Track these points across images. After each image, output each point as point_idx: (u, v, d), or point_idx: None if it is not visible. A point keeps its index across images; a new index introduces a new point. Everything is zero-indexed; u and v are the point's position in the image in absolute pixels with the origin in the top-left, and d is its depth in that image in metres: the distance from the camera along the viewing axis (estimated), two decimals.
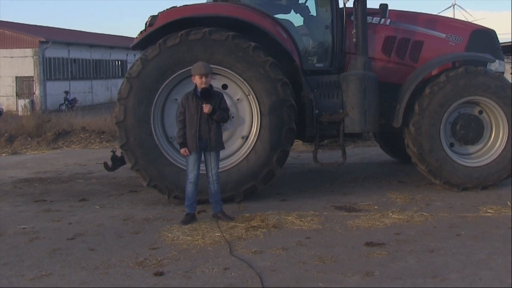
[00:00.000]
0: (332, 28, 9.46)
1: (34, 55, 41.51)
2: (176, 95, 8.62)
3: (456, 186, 9.06)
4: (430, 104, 8.88)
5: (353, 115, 9.02)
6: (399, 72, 9.64)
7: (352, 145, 14.54)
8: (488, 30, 10.13)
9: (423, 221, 7.48)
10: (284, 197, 9.02)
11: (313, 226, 7.32)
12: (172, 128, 8.53)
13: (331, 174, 10.80)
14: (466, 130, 9.17)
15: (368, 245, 6.50)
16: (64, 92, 42.40)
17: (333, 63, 9.50)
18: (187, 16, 8.65)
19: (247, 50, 8.45)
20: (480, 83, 8.96)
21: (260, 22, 8.80)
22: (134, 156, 8.50)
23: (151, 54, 8.47)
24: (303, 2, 10.04)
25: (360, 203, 8.53)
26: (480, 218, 7.59)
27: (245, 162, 8.63)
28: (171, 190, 8.51)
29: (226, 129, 8.49)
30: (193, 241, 6.82)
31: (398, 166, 11.54)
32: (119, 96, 8.54)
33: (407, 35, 9.71)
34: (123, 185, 10.35)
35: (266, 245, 6.61)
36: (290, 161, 11.32)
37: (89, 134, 17.21)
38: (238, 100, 8.77)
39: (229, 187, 8.44)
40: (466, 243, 6.55)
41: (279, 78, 8.51)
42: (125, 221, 7.83)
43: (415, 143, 8.98)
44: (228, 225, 7.37)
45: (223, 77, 8.70)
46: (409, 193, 9.07)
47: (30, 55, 41.60)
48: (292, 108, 8.62)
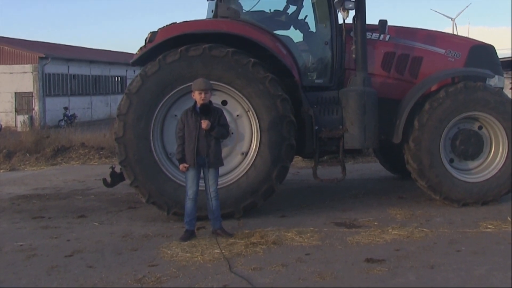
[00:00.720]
0: (332, 44, 9.48)
1: (34, 71, 41.55)
2: (176, 111, 8.62)
3: (456, 201, 9.05)
4: (429, 119, 8.88)
5: (353, 131, 9.02)
6: (399, 87, 9.65)
7: (352, 161, 14.52)
8: (487, 46, 10.16)
9: (423, 237, 7.45)
10: (283, 213, 8.99)
11: (313, 243, 7.29)
12: (172, 144, 8.51)
13: (331, 190, 10.77)
14: (465, 145, 9.17)
15: (368, 261, 6.47)
16: (63, 108, 42.42)
17: (332, 79, 9.51)
18: (186, 32, 8.66)
19: (247, 66, 8.46)
20: (480, 98, 8.97)
21: (260, 38, 8.82)
22: (133, 172, 8.48)
23: (150, 70, 8.48)
24: (302, 18, 10.06)
25: (360, 219, 8.50)
26: (481, 233, 7.58)
27: (244, 178, 8.61)
28: (170, 206, 8.48)
29: (225, 145, 8.47)
30: (192, 257, 6.78)
31: (398, 182, 11.51)
32: (119, 112, 8.54)
33: (406, 51, 9.73)
34: (122, 201, 10.32)
35: (266, 261, 6.58)
36: (290, 177, 11.26)
37: (88, 150, 17.18)
38: (237, 116, 8.77)
39: (228, 203, 8.41)
40: (467, 259, 6.52)
41: (279, 94, 8.51)
42: (124, 237, 7.79)
43: (415, 158, 8.97)
44: (227, 242, 7.33)
45: (223, 93, 8.71)
46: (409, 209, 9.05)
47: (30, 71, 41.64)
48: (291, 124, 8.61)
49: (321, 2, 9.72)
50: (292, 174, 12.09)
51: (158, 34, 8.83)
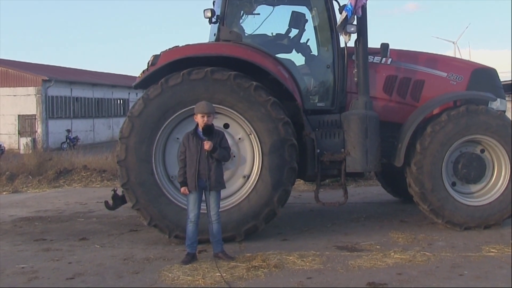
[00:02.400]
0: (334, 67, 9.54)
1: (37, 94, 41.69)
2: (178, 134, 8.64)
3: (458, 225, 9.02)
4: (431, 143, 8.89)
5: (355, 155, 9.02)
6: (401, 111, 9.67)
7: (354, 184, 14.52)
8: (489, 69, 10.19)
9: (425, 261, 7.42)
10: (285, 237, 8.96)
11: (315, 266, 7.25)
12: (174, 167, 8.52)
13: (333, 214, 10.75)
14: (468, 169, 9.16)
15: (370, 285, 6.44)
16: (66, 130, 42.50)
17: (334, 103, 9.54)
18: (189, 56, 8.71)
19: (249, 89, 8.49)
20: (482, 122, 8.99)
21: (262, 61, 8.86)
22: (135, 195, 8.47)
23: (153, 93, 8.51)
24: (304, 42, 10.12)
25: (361, 242, 8.47)
26: (483, 257, 7.54)
27: (246, 202, 8.60)
28: (172, 229, 8.46)
29: (227, 168, 8.48)
30: (194, 281, 6.75)
31: (400, 205, 11.49)
32: (121, 135, 8.55)
33: (408, 75, 9.78)
34: (124, 224, 10.30)
35: (267, 285, 6.55)
36: (292, 201, 11.26)
37: (90, 173, 17.22)
38: (239, 139, 8.78)
39: (230, 227, 8.38)
40: (469, 283, 6.49)
41: (281, 118, 8.53)
42: (125, 260, 7.76)
43: (417, 182, 8.96)
44: (229, 265, 7.30)
45: (225, 116, 8.73)
46: (411, 232, 9.02)
47: (33, 93, 41.78)
48: (293, 148, 8.62)
49: (323, 25, 9.80)
50: (293, 197, 12.07)
51: (160, 57, 8.88)
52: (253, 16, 10.00)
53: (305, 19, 10.03)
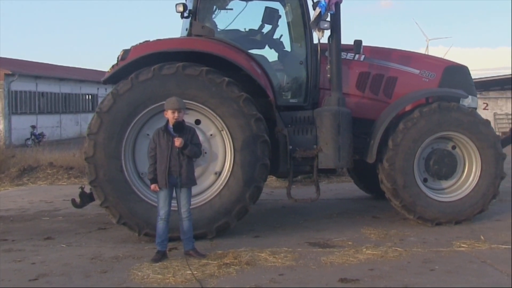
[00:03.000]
0: (307, 63, 9.50)
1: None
2: (148, 130, 8.51)
3: (430, 221, 9.07)
4: (403, 139, 8.91)
5: (327, 151, 9.01)
6: (373, 107, 9.68)
7: (326, 180, 14.54)
8: (461, 66, 10.28)
9: (397, 256, 7.43)
10: (257, 234, 8.90)
11: (287, 263, 7.20)
12: (144, 164, 8.38)
13: (305, 210, 10.73)
14: (439, 165, 9.21)
15: (342, 281, 6.41)
16: (31, 126, 41.71)
17: (307, 99, 9.51)
18: (160, 51, 8.60)
19: (221, 85, 8.40)
20: (453, 118, 9.04)
21: (234, 57, 8.78)
22: (103, 192, 8.33)
23: (122, 89, 8.37)
24: (277, 38, 10.08)
25: (334, 239, 8.45)
26: (454, 252, 7.59)
27: (217, 199, 8.52)
28: (142, 227, 8.34)
29: (198, 165, 8.39)
30: (164, 279, 6.64)
31: (372, 201, 11.53)
32: (89, 131, 8.40)
33: (381, 71, 9.79)
34: (92, 222, 10.08)
35: (239, 282, 6.46)
36: (264, 197, 11.20)
37: (56, 170, 16.83)
38: (211, 135, 8.69)
39: (201, 224, 8.29)
40: (441, 278, 6.51)
41: (253, 114, 8.46)
42: (93, 259, 7.57)
43: (389, 178, 8.97)
44: (200, 263, 7.21)
45: (196, 112, 8.63)
46: (383, 228, 9.04)
47: None
48: (265, 144, 8.56)
49: (296, 21, 9.76)
50: (266, 194, 12.03)
51: (130, 52, 8.75)
52: (226, 11, 9.96)
53: (279, 15, 9.97)
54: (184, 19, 9.78)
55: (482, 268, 6.88)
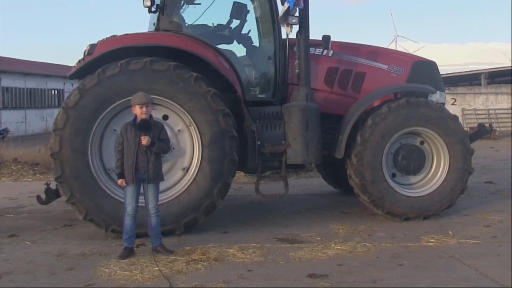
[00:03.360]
0: (275, 59, 9.48)
1: None
2: (115, 126, 8.41)
3: (398, 216, 9.11)
4: (372, 135, 8.94)
5: (296, 146, 9.00)
6: (342, 103, 9.70)
7: (295, 176, 14.54)
8: (429, 62, 10.36)
9: (365, 251, 7.46)
10: (225, 229, 8.87)
11: (255, 259, 7.18)
12: (111, 159, 8.30)
13: (274, 206, 10.71)
14: (407, 160, 9.27)
15: (311, 277, 6.40)
16: None
17: (275, 94, 9.49)
18: (127, 46, 8.51)
19: (189, 80, 8.34)
20: (422, 114, 9.10)
21: (202, 52, 8.73)
22: (69, 188, 8.22)
23: (89, 84, 8.26)
24: (246, 33, 10.04)
25: (302, 234, 8.45)
26: (422, 247, 7.63)
27: (185, 194, 8.46)
28: (109, 223, 8.24)
29: (166, 160, 8.32)
30: (131, 276, 6.56)
31: (341, 197, 11.57)
32: (55, 127, 8.27)
33: (349, 67, 9.81)
34: (58, 219, 9.92)
35: (207, 278, 6.42)
36: (232, 193, 11.18)
37: (21, 166, 16.51)
38: (179, 131, 8.62)
39: (169, 220, 8.23)
40: (409, 273, 6.53)
41: (221, 109, 8.42)
42: (59, 257, 7.45)
43: (357, 174, 9.00)
44: (168, 259, 7.15)
45: (164, 108, 8.56)
46: (351, 224, 9.06)
47: None
48: (234, 139, 8.52)
49: (264, 16, 9.74)
50: (234, 189, 12.00)
51: (97, 46, 8.64)
52: (194, 6, 9.89)
53: (247, 10, 9.94)
54: (151, 14, 9.70)
55: (450, 263, 6.93)
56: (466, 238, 8.05)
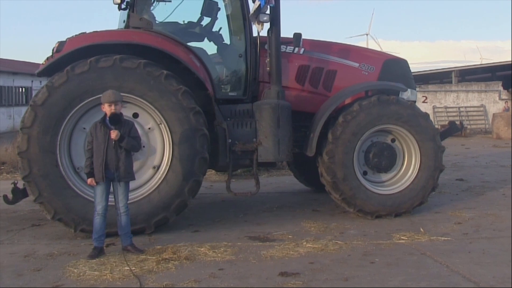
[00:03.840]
0: (246, 56, 9.45)
1: None
2: (84, 124, 8.32)
3: (370, 214, 9.15)
4: (343, 133, 8.95)
5: (267, 144, 8.99)
6: (313, 101, 9.71)
7: (266, 174, 14.54)
8: (400, 60, 10.44)
9: (337, 249, 7.46)
10: (196, 228, 8.82)
11: (227, 257, 7.15)
12: (80, 158, 8.20)
13: (245, 204, 10.69)
14: (379, 158, 9.30)
15: (282, 275, 6.39)
16: None
17: (246, 92, 9.47)
18: (96, 43, 8.42)
19: (159, 78, 8.27)
20: (393, 112, 9.13)
21: (173, 50, 8.66)
22: (37, 188, 8.10)
23: (58, 81, 8.15)
24: (217, 30, 9.99)
25: (274, 232, 8.44)
26: (394, 245, 7.66)
27: (156, 193, 8.39)
28: (78, 223, 8.14)
29: (136, 158, 8.24)
30: (101, 276, 6.49)
31: (312, 195, 11.58)
32: (23, 125, 8.15)
33: (320, 64, 9.83)
34: (25, 219, 9.76)
35: (178, 278, 6.37)
36: (203, 191, 11.12)
37: None
38: (149, 129, 8.55)
39: (139, 219, 8.17)
40: (381, 270, 6.55)
41: (192, 107, 8.36)
42: (26, 257, 7.33)
43: (328, 171, 9.00)
44: (138, 258, 7.09)
45: (134, 106, 8.48)
46: (323, 221, 9.07)
47: None
48: (205, 137, 8.47)
49: (235, 14, 9.71)
50: (205, 188, 11.95)
51: (66, 44, 8.54)
52: (164, 3, 9.78)
53: (218, 7, 9.93)
54: (121, 11, 9.61)
55: (421, 260, 6.96)
56: (438, 235, 8.11)
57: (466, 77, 41.83)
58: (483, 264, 6.69)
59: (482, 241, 7.81)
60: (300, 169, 11.84)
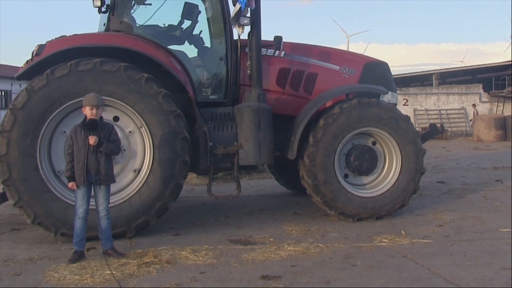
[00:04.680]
0: (227, 59, 9.46)
1: None
2: (65, 128, 8.27)
3: (351, 216, 9.17)
4: (324, 135, 8.98)
5: (248, 147, 9.00)
6: (294, 104, 9.73)
7: (247, 177, 14.55)
8: (380, 63, 10.48)
9: (318, 252, 7.46)
10: (177, 232, 8.79)
11: (208, 261, 7.13)
12: (60, 161, 8.16)
13: (226, 207, 10.69)
14: (360, 161, 9.33)
15: (264, 278, 6.38)
16: None
17: (227, 95, 9.47)
18: (76, 46, 8.37)
19: (140, 81, 8.25)
20: (373, 114, 9.17)
21: (153, 53, 8.64)
22: (17, 192, 8.03)
23: (38, 85, 8.09)
24: (197, 34, 9.98)
25: (255, 236, 8.44)
26: (375, 248, 7.68)
27: (137, 196, 8.36)
28: (58, 227, 8.09)
29: (117, 162, 8.22)
30: (82, 280, 6.44)
31: (293, 198, 11.61)
32: (2, 129, 8.07)
33: (301, 67, 9.85)
34: (4, 223, 9.67)
35: (159, 281, 6.35)
36: (184, 195, 11.11)
37: None
38: (130, 132, 8.51)
39: (120, 222, 8.13)
40: (362, 273, 6.56)
41: (172, 110, 8.35)
42: (5, 262, 7.26)
43: (309, 174, 9.03)
44: (119, 262, 7.04)
45: (115, 109, 8.44)
46: (304, 224, 9.08)
47: None
48: (185, 141, 8.46)
49: (216, 17, 9.71)
50: (186, 191, 11.95)
51: (46, 47, 8.49)
52: (144, 6, 9.78)
53: (198, 10, 9.93)
54: (101, 14, 9.55)
55: (403, 262, 6.97)
56: (419, 237, 8.13)
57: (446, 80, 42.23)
58: (464, 267, 6.71)
59: (463, 243, 7.85)
60: (281, 172, 11.86)
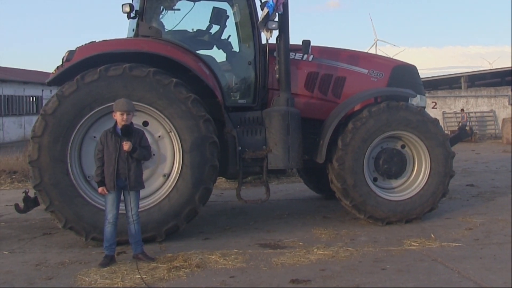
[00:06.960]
0: (255, 64, 9.47)
1: None
2: (95, 133, 8.34)
3: (380, 220, 9.12)
4: (353, 139, 8.94)
5: (277, 152, 8.99)
6: (322, 108, 9.71)
7: (276, 181, 14.53)
8: (409, 66, 10.41)
9: (348, 256, 7.43)
10: (207, 236, 8.81)
11: (237, 265, 7.14)
12: (90, 166, 8.22)
13: (255, 211, 10.68)
14: (389, 164, 9.29)
15: (293, 282, 6.37)
16: None
17: (256, 99, 9.47)
18: (106, 52, 8.45)
19: (169, 86, 8.29)
20: (402, 118, 9.11)
21: (182, 58, 8.68)
22: (48, 196, 8.12)
23: (68, 90, 8.18)
24: (225, 38, 10.00)
25: (284, 239, 8.42)
26: (405, 251, 7.63)
27: (166, 201, 8.40)
28: (89, 231, 8.16)
29: (147, 167, 8.26)
30: (112, 284, 6.49)
31: (322, 201, 11.57)
32: (33, 134, 8.18)
33: (329, 71, 9.82)
34: (36, 227, 9.79)
35: (189, 285, 6.38)
36: (213, 199, 11.12)
37: None
38: (159, 137, 8.56)
39: (150, 227, 8.17)
40: (392, 277, 6.52)
41: (201, 115, 8.38)
42: (38, 266, 7.34)
43: (338, 178, 8.99)
44: (149, 266, 7.09)
45: (144, 114, 8.50)
46: (333, 228, 9.05)
47: None
48: (214, 145, 8.48)
49: (244, 22, 9.71)
50: (215, 195, 11.95)
51: (76, 53, 8.57)
52: (173, 11, 9.84)
53: (226, 15, 9.92)
54: (130, 20, 9.63)
55: (432, 266, 6.93)
56: (448, 241, 8.07)
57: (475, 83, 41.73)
58: (494, 270, 6.65)
59: (493, 247, 7.77)
60: (310, 176, 11.83)
